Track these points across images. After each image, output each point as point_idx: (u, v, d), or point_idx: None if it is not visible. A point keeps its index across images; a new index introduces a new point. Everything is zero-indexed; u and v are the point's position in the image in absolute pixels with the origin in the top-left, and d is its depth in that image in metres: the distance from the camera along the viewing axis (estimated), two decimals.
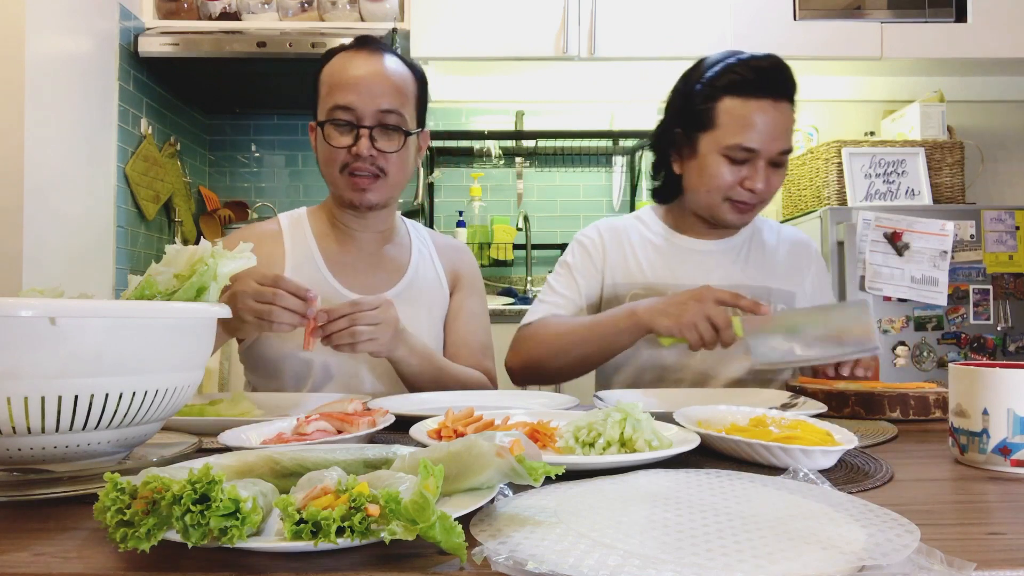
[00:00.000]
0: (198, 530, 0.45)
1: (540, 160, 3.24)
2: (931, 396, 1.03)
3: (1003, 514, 0.60)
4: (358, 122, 1.26)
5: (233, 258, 0.78)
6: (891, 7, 2.77)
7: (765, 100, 1.29)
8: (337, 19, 2.75)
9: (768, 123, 1.29)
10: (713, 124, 1.32)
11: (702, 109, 1.33)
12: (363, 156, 1.26)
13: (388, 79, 1.28)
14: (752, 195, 1.33)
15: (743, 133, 1.29)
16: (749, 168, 1.31)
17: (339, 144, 1.27)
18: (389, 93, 1.27)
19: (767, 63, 1.31)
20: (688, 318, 1.17)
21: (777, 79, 1.31)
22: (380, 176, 1.29)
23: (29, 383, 0.59)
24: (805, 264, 1.50)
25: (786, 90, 1.31)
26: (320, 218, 1.41)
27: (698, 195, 1.38)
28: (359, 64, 1.28)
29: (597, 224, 1.52)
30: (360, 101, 1.25)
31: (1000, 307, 2.50)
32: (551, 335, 1.36)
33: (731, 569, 0.43)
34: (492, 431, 0.60)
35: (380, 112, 1.26)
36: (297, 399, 1.15)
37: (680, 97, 1.40)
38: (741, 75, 1.30)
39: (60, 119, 2.16)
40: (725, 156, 1.31)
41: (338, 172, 1.29)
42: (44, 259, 2.06)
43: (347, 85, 1.26)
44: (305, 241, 1.37)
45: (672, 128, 1.41)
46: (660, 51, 2.74)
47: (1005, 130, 3.20)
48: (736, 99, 1.30)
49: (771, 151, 1.30)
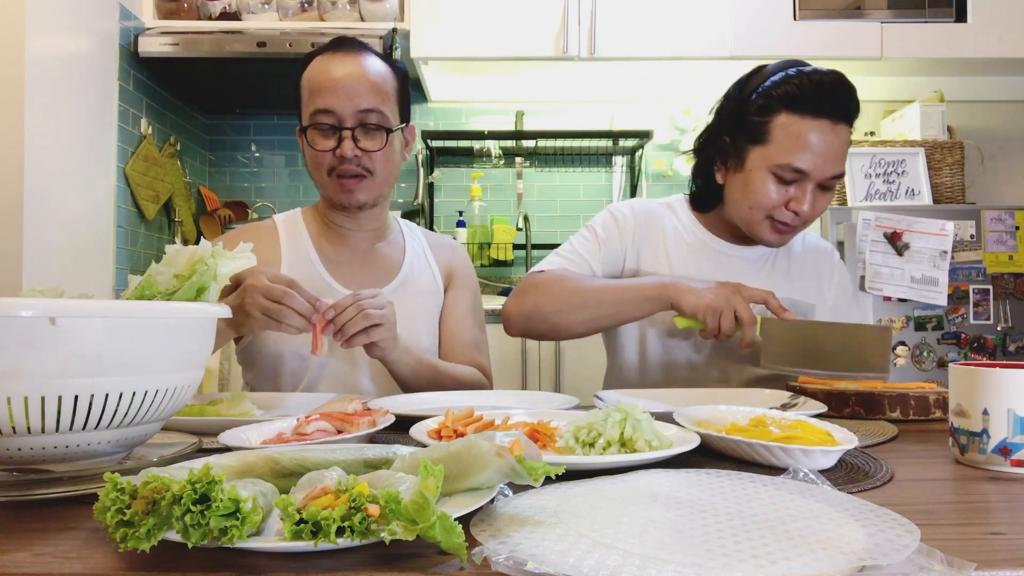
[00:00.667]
0: (198, 530, 0.45)
1: (540, 160, 3.24)
2: (931, 396, 1.03)
3: (1003, 514, 0.60)
4: (340, 124, 1.26)
5: (233, 258, 0.78)
6: (891, 7, 2.77)
7: (824, 120, 1.22)
8: (337, 19, 2.75)
9: (824, 145, 1.22)
10: (765, 139, 1.26)
11: (756, 121, 1.27)
12: (348, 158, 1.26)
13: (366, 79, 1.28)
14: (795, 217, 1.27)
15: (796, 153, 1.23)
16: (797, 189, 1.26)
17: (323, 147, 1.28)
18: (368, 92, 1.27)
19: (830, 78, 1.24)
20: (716, 303, 1.15)
21: (839, 98, 1.23)
22: (366, 176, 1.29)
23: (29, 383, 0.59)
24: (827, 273, 1.47)
25: (847, 111, 1.25)
26: (314, 218, 1.42)
27: (739, 209, 1.33)
28: (336, 66, 1.28)
29: (631, 203, 1.47)
30: (340, 103, 1.26)
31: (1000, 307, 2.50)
32: (566, 289, 1.30)
33: (731, 569, 0.43)
34: (492, 431, 0.60)
35: (360, 112, 1.26)
36: (297, 399, 1.15)
37: (733, 104, 1.33)
38: (802, 89, 1.23)
39: (60, 119, 2.16)
40: (773, 174, 1.26)
41: (326, 175, 1.30)
42: (44, 259, 2.06)
43: (326, 88, 1.26)
44: (301, 239, 1.38)
45: (720, 136, 1.34)
46: (660, 51, 2.74)
47: (1005, 130, 3.20)
48: (793, 115, 1.23)
49: (823, 175, 1.24)
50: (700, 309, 1.16)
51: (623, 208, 1.45)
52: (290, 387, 1.31)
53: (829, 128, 1.23)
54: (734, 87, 1.36)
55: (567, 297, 1.29)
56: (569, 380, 2.56)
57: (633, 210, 1.45)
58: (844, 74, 1.26)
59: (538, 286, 1.33)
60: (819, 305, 1.44)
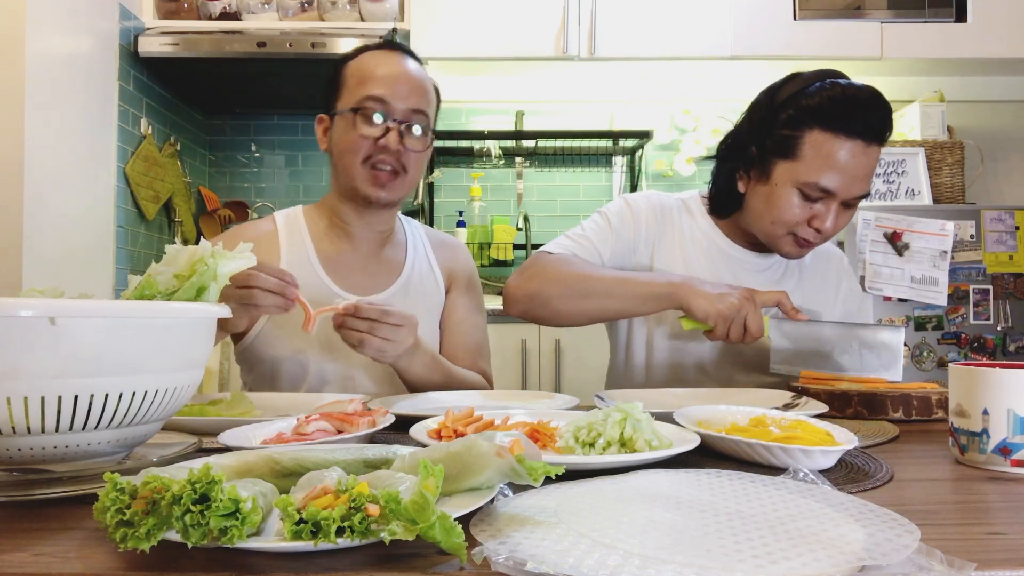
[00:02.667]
0: (198, 530, 0.45)
1: (540, 160, 3.24)
2: (934, 396, 1.03)
3: (1003, 514, 0.60)
4: (389, 115, 1.26)
5: (233, 258, 0.78)
6: (891, 7, 2.77)
7: (857, 141, 1.19)
8: (337, 19, 2.75)
9: (854, 166, 1.19)
10: (795, 154, 1.22)
11: (785, 135, 1.23)
12: (390, 149, 1.25)
13: (419, 81, 1.30)
14: (817, 234, 1.26)
15: (826, 172, 1.19)
16: (822, 206, 1.23)
17: (367, 134, 1.26)
18: (420, 94, 1.29)
19: (866, 95, 1.20)
20: (727, 310, 1.14)
21: (874, 118, 1.19)
22: (400, 174, 1.29)
23: (29, 383, 0.59)
24: (835, 279, 1.47)
25: (881, 132, 1.21)
26: (318, 217, 1.39)
27: (761, 221, 1.30)
28: (393, 62, 1.29)
29: (647, 195, 1.44)
30: (393, 95, 1.26)
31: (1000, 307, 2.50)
32: (573, 275, 1.27)
33: (731, 569, 0.43)
34: (492, 431, 0.60)
35: (411, 111, 1.27)
36: (296, 399, 1.15)
37: (763, 113, 1.28)
38: (837, 105, 1.19)
39: (60, 119, 2.16)
40: (800, 191, 1.23)
41: (360, 163, 1.27)
42: (44, 259, 2.06)
43: (381, 79, 1.26)
44: (301, 241, 1.36)
45: (747, 144, 1.30)
46: (660, 51, 2.74)
47: (1005, 130, 3.20)
48: (826, 133, 1.19)
49: (849, 195, 1.22)
50: (712, 315, 1.15)
51: (639, 200, 1.42)
52: (289, 390, 1.31)
53: (862, 150, 1.19)
54: (764, 95, 1.30)
55: (573, 284, 1.26)
56: (569, 380, 2.56)
57: (650, 202, 1.41)
58: (879, 91, 1.22)
59: (545, 268, 1.30)
60: (826, 312, 1.44)
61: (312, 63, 2.60)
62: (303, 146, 3.25)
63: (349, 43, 2.55)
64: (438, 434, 0.77)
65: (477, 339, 1.44)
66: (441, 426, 0.79)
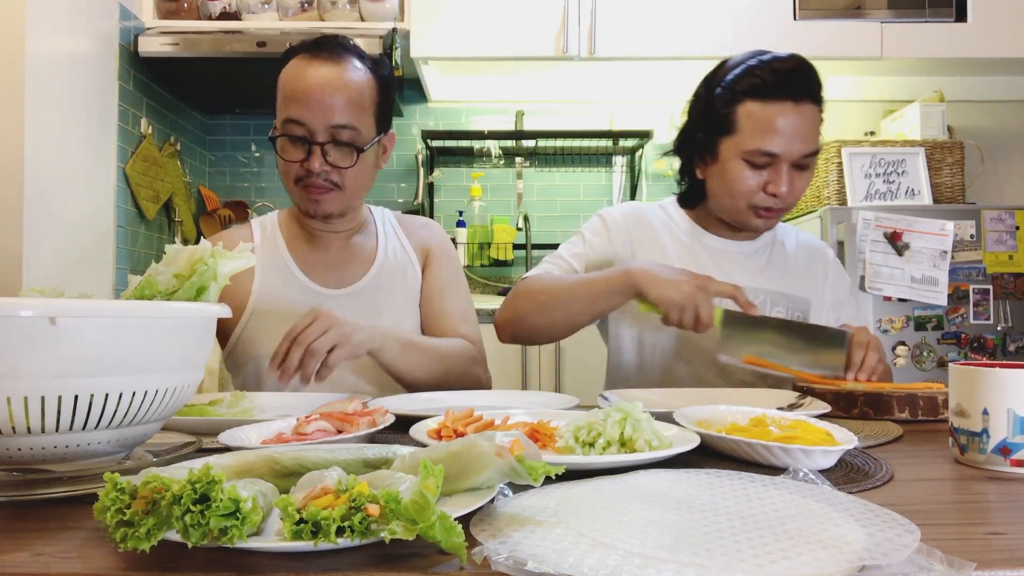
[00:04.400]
0: (198, 530, 0.45)
1: (540, 160, 3.24)
2: (940, 397, 1.03)
3: (1003, 514, 0.60)
4: (311, 137, 1.24)
5: (233, 258, 0.78)
6: (891, 7, 2.77)
7: (786, 102, 1.26)
8: (337, 19, 2.75)
9: (789, 126, 1.26)
10: (733, 129, 1.29)
11: (722, 114, 1.30)
12: (315, 172, 1.25)
13: (344, 90, 1.24)
14: (775, 199, 1.30)
15: (763, 137, 1.26)
16: (771, 172, 1.29)
17: (292, 158, 1.26)
18: (343, 106, 1.24)
19: (789, 64, 1.28)
20: (679, 299, 1.16)
21: (799, 80, 1.27)
22: (335, 189, 1.28)
23: (29, 383, 0.59)
24: (821, 271, 1.49)
25: (808, 90, 1.27)
26: (289, 220, 1.42)
27: (721, 200, 1.36)
28: (313, 73, 1.25)
29: (623, 206, 1.49)
30: (312, 116, 1.23)
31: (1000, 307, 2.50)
32: (539, 289, 1.33)
33: (731, 569, 0.43)
34: (492, 431, 0.60)
35: (333, 128, 1.24)
36: (297, 399, 1.15)
37: (701, 101, 1.37)
38: (761, 78, 1.27)
39: (60, 119, 2.16)
40: (746, 161, 1.29)
41: (293, 184, 1.29)
42: (44, 259, 2.06)
43: (299, 98, 1.24)
44: (275, 246, 1.38)
45: (694, 133, 1.37)
46: (660, 51, 2.74)
47: (1005, 130, 3.20)
48: (756, 102, 1.27)
49: (793, 154, 1.27)
50: (663, 302, 1.17)
51: (613, 212, 1.47)
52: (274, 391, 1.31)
53: (792, 109, 1.26)
54: (701, 85, 1.39)
55: (540, 297, 1.32)
56: (569, 380, 2.56)
57: (624, 213, 1.47)
58: (803, 56, 1.30)
59: (519, 293, 1.36)
60: (815, 301, 1.45)
61: None
62: None
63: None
64: (438, 434, 0.77)
65: (458, 305, 1.44)
66: (441, 426, 0.79)
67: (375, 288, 1.37)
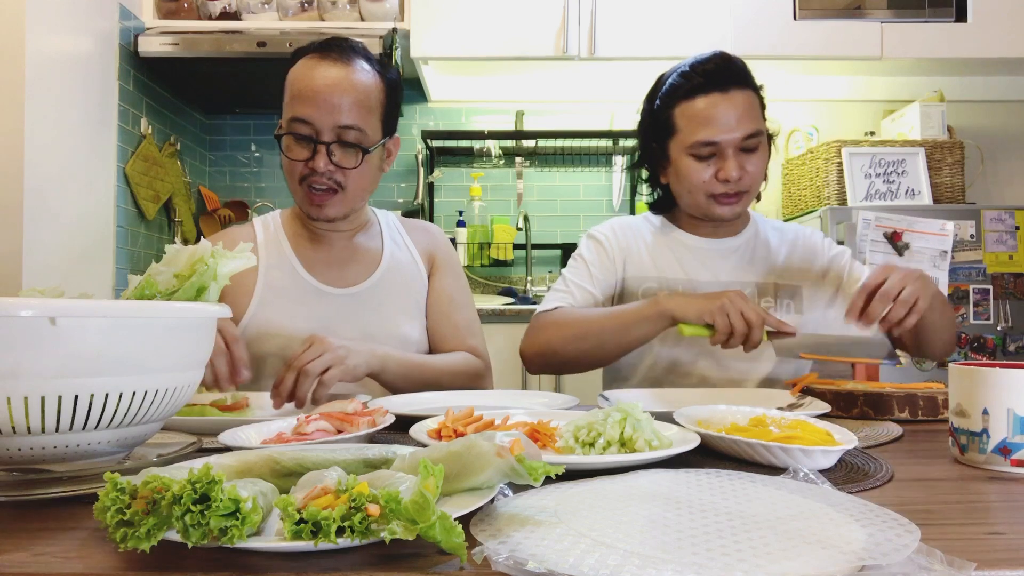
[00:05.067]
0: (198, 530, 0.45)
1: (540, 160, 3.24)
2: (940, 397, 1.03)
3: (1003, 514, 0.60)
4: (316, 137, 1.24)
5: (233, 258, 0.78)
6: (891, 7, 2.77)
7: (712, 94, 1.33)
8: (337, 19, 2.75)
9: (722, 113, 1.32)
10: (675, 130, 1.37)
11: (663, 119, 1.39)
12: (320, 172, 1.25)
13: (350, 91, 1.24)
14: (729, 184, 1.34)
15: (700, 129, 1.33)
16: (718, 160, 1.34)
17: (297, 157, 1.26)
18: (349, 107, 1.24)
19: (711, 63, 1.35)
20: (720, 305, 1.15)
21: (721, 72, 1.34)
22: (338, 191, 1.28)
23: (29, 383, 0.59)
24: (811, 257, 1.49)
25: (733, 79, 1.34)
26: (292, 219, 1.42)
27: (684, 198, 1.42)
28: (321, 73, 1.24)
29: (609, 222, 1.54)
30: (318, 115, 1.23)
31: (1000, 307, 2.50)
32: (569, 322, 1.35)
33: (731, 569, 0.43)
34: (492, 431, 0.60)
35: (339, 128, 1.24)
36: None
37: (646, 114, 1.46)
38: (688, 79, 1.35)
39: (60, 119, 2.16)
40: (692, 155, 1.35)
41: (297, 183, 1.28)
42: (44, 259, 2.06)
43: (307, 97, 1.23)
44: (279, 244, 1.38)
45: (648, 145, 1.45)
46: (660, 51, 2.74)
47: (1005, 130, 3.20)
48: (687, 101, 1.35)
49: (733, 138, 1.32)
50: (706, 313, 1.15)
51: (602, 229, 1.52)
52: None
53: (721, 98, 1.33)
54: (644, 100, 1.48)
55: (570, 329, 1.34)
56: (569, 380, 2.56)
57: (612, 227, 1.52)
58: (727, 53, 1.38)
59: (545, 325, 1.38)
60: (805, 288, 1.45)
61: None
62: None
63: None
64: (438, 434, 0.77)
65: (464, 315, 1.45)
66: (441, 426, 0.79)
67: (380, 289, 1.37)
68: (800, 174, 2.93)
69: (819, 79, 3.14)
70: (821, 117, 3.17)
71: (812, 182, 2.82)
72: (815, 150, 2.82)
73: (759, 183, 1.39)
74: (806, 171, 2.87)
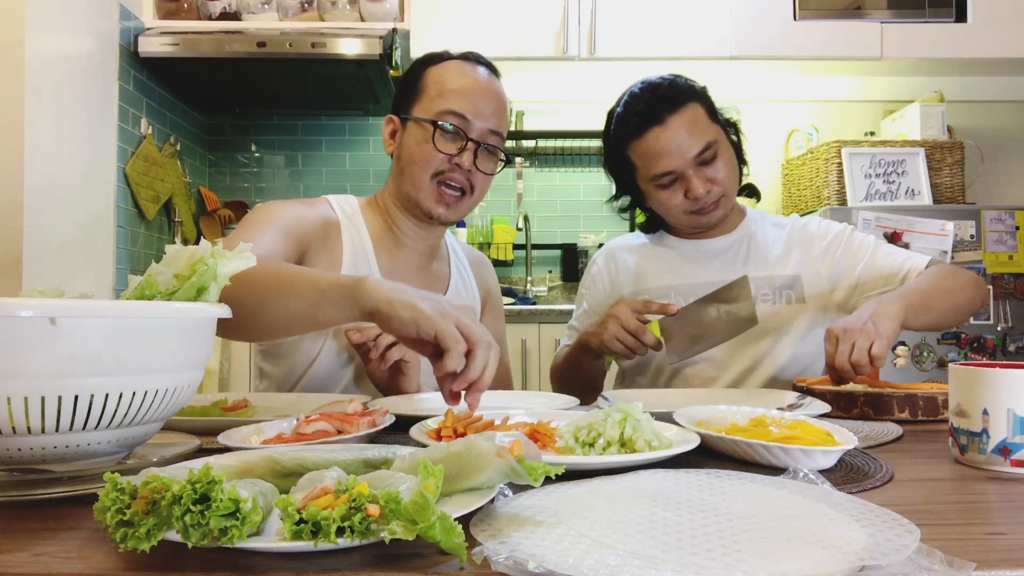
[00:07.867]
0: (198, 530, 0.45)
1: (540, 160, 3.24)
2: (940, 397, 1.03)
3: (1003, 514, 0.60)
4: (467, 133, 1.22)
5: (233, 258, 0.77)
6: (891, 7, 2.77)
7: (653, 129, 1.33)
8: (337, 19, 2.75)
9: (666, 144, 1.32)
10: (633, 168, 1.40)
11: (620, 159, 1.41)
12: (462, 168, 1.22)
13: (500, 100, 1.27)
14: (699, 200, 1.35)
15: (653, 164, 1.34)
16: (681, 183, 1.36)
17: (442, 150, 1.22)
18: (499, 114, 1.25)
19: (642, 99, 1.36)
20: (608, 334, 1.24)
21: (653, 105, 1.34)
22: (467, 194, 1.26)
23: (29, 383, 0.59)
24: (807, 243, 1.47)
25: (665, 107, 1.33)
26: (373, 216, 1.33)
27: (668, 219, 1.46)
28: (477, 77, 1.26)
29: (602, 249, 1.59)
30: (474, 113, 1.22)
31: (1000, 307, 2.50)
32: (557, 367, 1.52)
33: (731, 569, 0.43)
34: (492, 431, 0.60)
35: (488, 131, 1.24)
36: (296, 399, 1.15)
37: (607, 155, 1.46)
38: (626, 121, 1.37)
39: (60, 119, 2.16)
40: (658, 187, 1.37)
41: (428, 177, 1.23)
42: (44, 259, 2.06)
43: (463, 93, 1.23)
44: (361, 239, 1.30)
45: (620, 180, 1.47)
46: (660, 51, 2.74)
47: (1005, 130, 3.20)
48: (635, 140, 1.36)
49: (687, 161, 1.33)
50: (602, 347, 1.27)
51: (598, 260, 1.57)
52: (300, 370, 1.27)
53: (660, 130, 1.33)
54: (602, 139, 1.48)
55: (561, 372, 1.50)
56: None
57: (605, 256, 1.56)
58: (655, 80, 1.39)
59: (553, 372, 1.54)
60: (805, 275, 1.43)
61: (312, 63, 2.60)
62: (303, 146, 3.25)
63: (349, 43, 2.55)
64: (438, 434, 0.77)
65: (505, 362, 1.46)
66: (441, 426, 0.79)
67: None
68: (800, 174, 2.93)
69: (819, 79, 3.14)
70: (821, 117, 3.17)
71: (812, 182, 2.82)
72: (815, 150, 2.82)
73: (733, 182, 1.40)
74: (806, 171, 2.87)
